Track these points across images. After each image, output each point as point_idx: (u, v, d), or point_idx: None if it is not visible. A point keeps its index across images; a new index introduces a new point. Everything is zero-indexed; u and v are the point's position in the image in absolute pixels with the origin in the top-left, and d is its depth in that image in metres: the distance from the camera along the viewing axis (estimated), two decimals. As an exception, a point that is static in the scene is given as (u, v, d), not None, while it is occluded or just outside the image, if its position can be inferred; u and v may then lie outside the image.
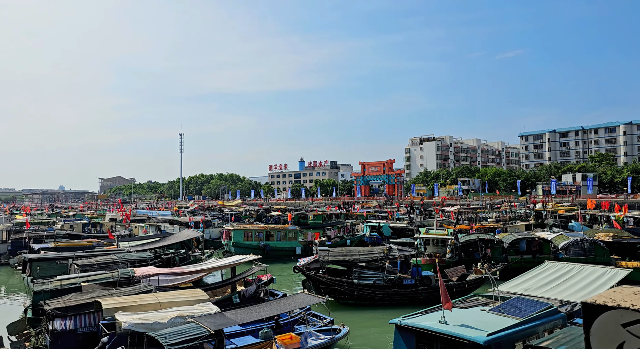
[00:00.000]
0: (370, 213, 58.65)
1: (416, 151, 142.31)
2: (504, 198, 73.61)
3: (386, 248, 21.31)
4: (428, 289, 20.05)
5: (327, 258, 20.97)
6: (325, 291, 20.53)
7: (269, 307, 13.45)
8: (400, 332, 10.16)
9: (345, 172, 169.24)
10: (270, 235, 35.54)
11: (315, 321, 15.28)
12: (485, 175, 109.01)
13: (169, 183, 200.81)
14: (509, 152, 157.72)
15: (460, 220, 32.62)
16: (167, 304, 14.23)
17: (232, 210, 79.53)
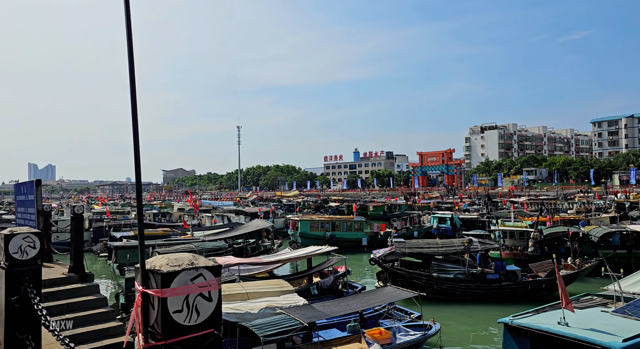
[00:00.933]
0: (433, 204, 57.04)
1: (477, 140, 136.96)
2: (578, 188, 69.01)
3: (466, 240, 20.34)
4: (514, 285, 18.94)
5: (404, 250, 20.36)
6: (402, 285, 19.97)
7: (357, 300, 13.11)
8: (511, 333, 9.43)
9: (400, 163, 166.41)
10: (336, 226, 35.35)
11: (401, 316, 14.79)
12: (554, 164, 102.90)
13: (227, 174, 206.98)
14: (578, 140, 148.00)
15: (544, 211, 30.74)
16: (253, 295, 14.28)
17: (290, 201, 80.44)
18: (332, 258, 18.90)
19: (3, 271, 2.43)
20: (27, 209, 3.79)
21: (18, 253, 2.42)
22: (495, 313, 17.68)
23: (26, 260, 2.46)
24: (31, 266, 2.46)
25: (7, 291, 2.40)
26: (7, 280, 2.42)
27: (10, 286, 2.42)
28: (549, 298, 19.23)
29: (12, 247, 2.41)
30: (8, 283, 2.43)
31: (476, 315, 17.49)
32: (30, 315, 2.43)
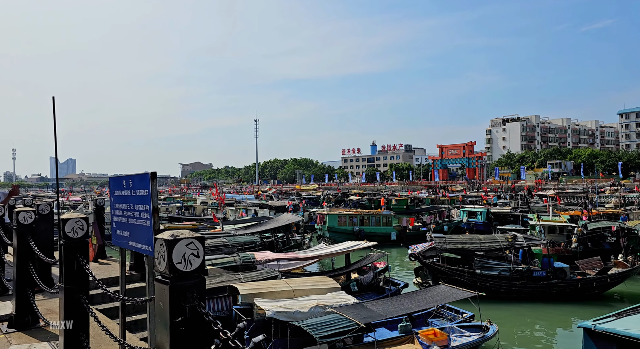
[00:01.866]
0: (456, 197, 56.00)
1: (498, 132, 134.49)
2: (609, 181, 67.09)
3: (510, 236, 19.61)
4: (562, 283, 18.18)
5: (445, 246, 19.72)
6: (444, 281, 19.38)
7: (411, 300, 12.57)
8: (593, 339, 8.74)
9: (419, 156, 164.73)
10: (364, 220, 34.81)
11: (451, 315, 14.21)
12: (579, 157, 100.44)
13: (245, 168, 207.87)
14: (604, 132, 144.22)
15: (587, 205, 29.69)
16: (299, 292, 13.85)
17: (310, 194, 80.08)
18: (372, 253, 18.37)
19: (167, 287, 1.94)
20: (133, 206, 3.31)
21: (182, 263, 1.93)
22: (548, 312, 17.00)
23: (190, 272, 1.95)
24: (195, 280, 1.96)
25: (172, 312, 1.90)
26: (171, 297, 1.93)
27: (175, 304, 1.93)
28: (599, 297, 18.44)
29: (176, 256, 1.91)
30: (173, 301, 1.93)
31: (528, 315, 16.81)
32: (198, 338, 1.93)
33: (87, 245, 3.57)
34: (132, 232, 3.54)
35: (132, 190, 3.45)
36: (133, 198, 3.44)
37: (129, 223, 3.58)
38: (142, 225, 3.32)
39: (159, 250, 2.11)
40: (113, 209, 3.93)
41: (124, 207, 3.64)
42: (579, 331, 12.25)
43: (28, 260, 5.07)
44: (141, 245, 3.36)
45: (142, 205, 3.27)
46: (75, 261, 3.45)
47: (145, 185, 3.24)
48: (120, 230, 3.78)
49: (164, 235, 2.12)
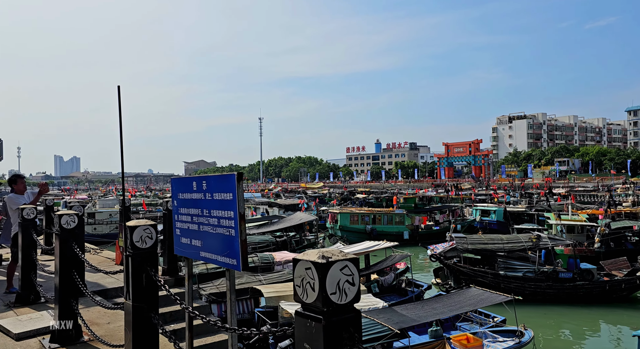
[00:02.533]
0: (467, 196, 55.44)
1: (504, 130, 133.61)
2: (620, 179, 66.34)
3: (534, 236, 19.12)
4: (589, 284, 17.67)
5: (467, 246, 19.24)
6: (466, 283, 18.93)
7: (442, 304, 12.12)
8: (648, 346, 8.32)
9: (424, 154, 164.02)
10: (377, 219, 34.36)
11: (481, 319, 13.74)
12: (587, 155, 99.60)
13: (249, 166, 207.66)
14: (611, 129, 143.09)
15: (612, 204, 29.14)
16: (324, 295, 13.44)
17: (315, 192, 79.69)
18: (393, 254, 17.93)
19: (320, 325, 1.49)
20: (208, 211, 2.86)
21: (336, 293, 1.48)
22: (577, 315, 16.53)
23: (345, 305, 1.50)
24: (351, 314, 1.52)
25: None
26: (326, 338, 1.48)
27: (330, 343, 1.48)
28: (627, 300, 17.95)
29: (330, 284, 1.48)
30: (329, 344, 1.49)
31: (557, 318, 16.34)
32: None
33: (156, 255, 3.13)
34: (205, 241, 3.10)
35: (207, 193, 3.01)
36: (208, 202, 3.00)
37: (201, 231, 3.14)
38: (221, 233, 2.88)
39: (302, 275, 1.67)
40: (177, 214, 3.49)
41: (194, 212, 3.20)
42: (617, 336, 11.74)
43: (72, 267, 4.64)
44: (220, 256, 2.93)
45: (223, 211, 2.83)
46: (144, 274, 3.02)
47: (228, 188, 2.80)
48: (188, 238, 3.35)
49: (309, 255, 1.67)
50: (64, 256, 4.61)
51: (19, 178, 6.92)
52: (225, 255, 2.85)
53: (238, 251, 2.71)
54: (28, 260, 6.08)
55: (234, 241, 2.73)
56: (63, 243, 4.61)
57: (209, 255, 3.07)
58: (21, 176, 6.98)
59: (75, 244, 4.68)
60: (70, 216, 4.68)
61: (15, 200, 6.69)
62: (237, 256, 2.73)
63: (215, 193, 2.93)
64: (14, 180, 6.88)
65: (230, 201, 2.76)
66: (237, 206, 2.68)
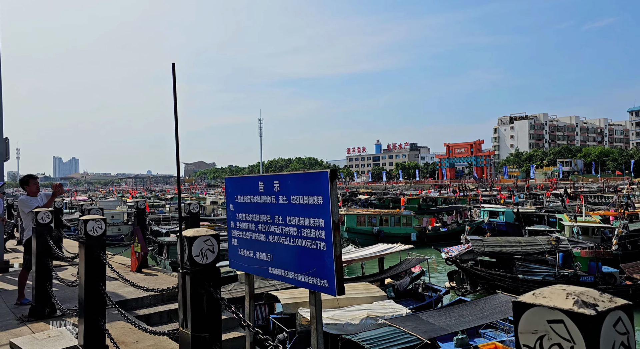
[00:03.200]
0: (473, 197, 54.89)
1: (505, 131, 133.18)
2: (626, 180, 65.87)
3: (553, 238, 18.59)
4: (612, 288, 17.12)
5: (483, 249, 18.71)
6: (483, 287, 18.41)
7: (469, 311, 11.55)
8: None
9: (425, 154, 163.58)
10: (384, 220, 33.82)
11: (506, 325, 13.18)
12: (589, 155, 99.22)
13: (249, 167, 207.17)
14: (612, 130, 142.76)
15: (629, 204, 28.61)
16: (343, 301, 12.85)
17: (318, 194, 79.02)
18: (410, 257, 17.38)
19: None
20: (282, 218, 2.30)
21: None
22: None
23: None
24: None
25: None
26: None
27: None
28: (650, 303, 17.41)
29: None
30: None
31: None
32: None
33: (219, 273, 2.57)
34: (277, 255, 2.55)
35: (282, 196, 2.46)
36: (283, 207, 2.45)
37: (270, 242, 2.58)
38: (304, 247, 2.33)
39: (542, 331, 1.07)
40: (234, 221, 2.93)
41: (260, 219, 2.65)
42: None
43: (99, 279, 4.08)
44: (301, 275, 2.37)
45: (307, 218, 2.28)
46: (205, 296, 2.46)
47: (315, 189, 2.24)
48: (249, 250, 2.79)
49: (553, 297, 1.08)
50: (90, 267, 4.05)
51: (31, 178, 6.36)
52: (311, 274, 2.29)
53: (332, 270, 2.16)
54: (43, 269, 5.52)
55: (325, 257, 2.18)
56: (89, 251, 4.05)
57: (283, 272, 2.51)
58: (34, 177, 6.41)
59: (102, 253, 4.12)
60: (97, 222, 4.12)
61: (27, 202, 6.12)
62: (330, 276, 2.17)
63: (294, 196, 2.38)
64: (25, 181, 6.31)
65: (319, 206, 2.21)
66: (331, 213, 2.12)
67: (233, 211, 2.95)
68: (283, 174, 2.48)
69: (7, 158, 9.07)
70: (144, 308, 6.54)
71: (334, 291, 2.17)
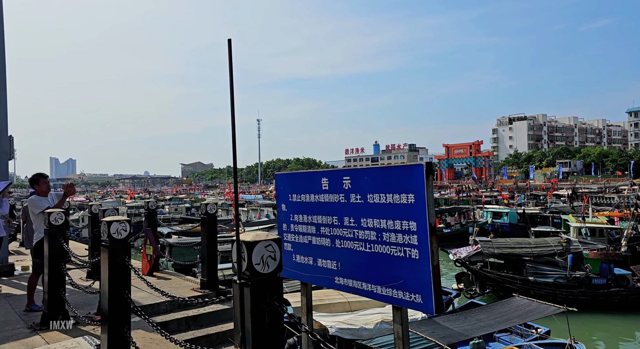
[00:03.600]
0: (473, 197, 54.65)
1: (504, 131, 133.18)
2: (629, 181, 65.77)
3: (564, 240, 18.31)
4: (625, 291, 16.86)
5: (492, 250, 18.40)
6: (493, 289, 18.10)
7: (487, 315, 11.23)
8: None
9: (423, 155, 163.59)
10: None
11: (522, 330, 12.87)
12: (588, 156, 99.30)
13: (247, 167, 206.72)
14: (610, 130, 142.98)
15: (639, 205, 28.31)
16: (355, 304, 12.50)
17: (317, 194, 78.62)
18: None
19: None
20: (355, 221, 1.97)
21: None
22: (618, 324, 15.72)
23: None
24: None
25: None
26: None
27: None
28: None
29: None
30: None
31: (598, 328, 15.49)
32: None
33: (280, 283, 2.24)
34: (347, 263, 2.21)
35: (355, 194, 2.13)
36: (357, 207, 2.12)
37: (338, 249, 2.25)
38: (387, 254, 2.00)
39: None
40: (288, 223, 2.60)
41: (323, 221, 2.32)
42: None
43: (124, 286, 3.74)
44: (383, 287, 2.04)
45: (393, 221, 1.96)
46: (267, 311, 2.13)
47: (406, 186, 1.92)
48: (308, 257, 2.46)
49: None
50: (115, 272, 3.71)
51: (42, 177, 6.00)
52: (397, 287, 1.96)
53: (427, 283, 1.83)
54: (56, 273, 5.17)
55: (418, 267, 1.85)
56: (113, 256, 3.71)
57: (355, 283, 2.18)
58: (44, 176, 6.06)
59: (127, 257, 3.78)
60: (121, 224, 3.78)
61: (37, 202, 5.76)
62: (424, 290, 1.84)
63: (372, 195, 2.05)
64: (35, 180, 5.96)
65: (409, 206, 1.88)
66: (427, 214, 1.80)
67: (286, 212, 2.61)
68: (357, 169, 2.15)
69: (12, 156, 8.71)
70: (159, 314, 6.20)
71: (431, 307, 1.85)
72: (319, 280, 2.43)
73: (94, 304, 6.16)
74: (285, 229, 2.66)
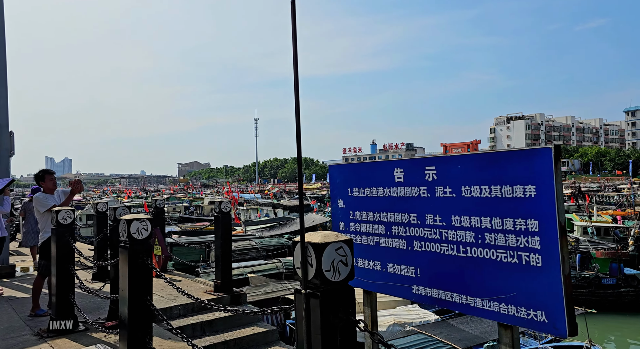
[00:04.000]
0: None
1: (502, 130, 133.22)
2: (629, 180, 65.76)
3: (572, 239, 18.04)
4: (635, 291, 16.61)
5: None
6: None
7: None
8: None
9: (420, 155, 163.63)
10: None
11: (536, 332, 12.58)
12: (586, 155, 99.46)
13: (244, 167, 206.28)
14: (607, 130, 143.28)
15: None
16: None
17: (314, 193, 78.40)
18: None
19: None
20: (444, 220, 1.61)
21: None
22: (630, 325, 15.48)
23: None
24: None
25: None
26: None
27: None
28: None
29: None
30: None
31: (610, 329, 15.23)
32: None
33: (353, 293, 1.90)
34: (432, 270, 1.86)
35: (440, 187, 1.79)
36: (445, 202, 1.78)
37: (417, 252, 1.91)
38: (494, 260, 1.65)
39: None
40: (345, 221, 2.26)
41: (398, 219, 1.97)
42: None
43: (146, 291, 3.40)
44: (485, 300, 1.67)
45: (499, 219, 1.62)
46: (339, 327, 1.78)
47: (523, 175, 1.59)
48: (374, 261, 2.12)
49: None
50: (135, 276, 3.37)
51: (47, 173, 5.63)
52: (508, 301, 1.60)
53: (557, 297, 1.47)
54: (65, 276, 4.81)
55: (542, 277, 1.50)
56: (133, 257, 3.36)
57: (444, 294, 1.82)
58: (50, 172, 5.68)
59: (149, 259, 3.43)
60: (142, 223, 3.43)
61: (43, 201, 5.39)
62: (553, 307, 1.48)
63: (469, 187, 1.70)
64: (41, 176, 5.58)
65: (527, 201, 1.54)
66: (557, 212, 1.45)
67: (344, 208, 2.26)
68: (447, 156, 1.81)
69: (13, 153, 8.33)
70: (172, 319, 5.84)
71: (563, 328, 1.49)
72: (389, 289, 2.10)
73: (103, 308, 5.81)
74: (343, 228, 2.31)
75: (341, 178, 2.29)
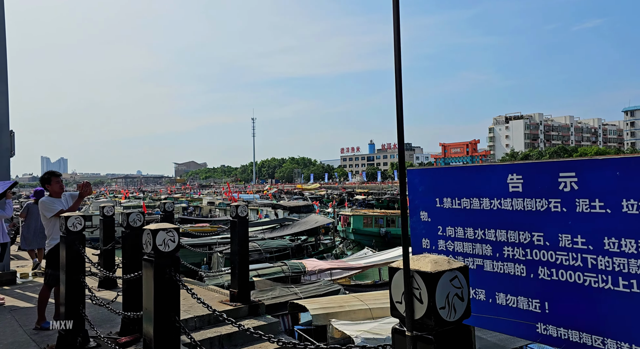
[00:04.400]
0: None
1: (501, 130, 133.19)
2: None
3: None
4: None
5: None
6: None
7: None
8: None
9: (418, 155, 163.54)
10: (391, 221, 32.89)
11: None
12: (585, 155, 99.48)
13: (241, 167, 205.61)
14: (606, 130, 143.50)
15: None
16: (377, 311, 11.75)
17: (312, 194, 78.09)
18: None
19: None
20: (596, 242, 1.19)
21: None
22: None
23: None
24: None
25: None
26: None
27: None
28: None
29: None
30: None
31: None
32: None
33: (471, 337, 1.50)
34: (566, 305, 1.45)
35: (583, 200, 1.39)
36: (586, 219, 1.37)
37: (543, 281, 1.50)
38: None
39: None
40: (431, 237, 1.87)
41: (514, 238, 1.57)
42: None
43: (173, 308, 3.00)
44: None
45: None
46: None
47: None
48: (477, 289, 1.72)
49: None
50: (162, 292, 2.97)
51: (54, 176, 5.22)
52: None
53: None
54: (75, 288, 4.40)
55: None
56: (160, 272, 2.97)
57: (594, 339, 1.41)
58: (57, 174, 5.27)
59: (177, 275, 3.03)
60: (169, 233, 3.03)
61: (50, 205, 4.98)
62: None
63: (638, 202, 1.31)
64: (47, 179, 5.17)
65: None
66: None
67: (429, 222, 1.87)
68: (592, 159, 1.42)
69: (13, 153, 7.90)
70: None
71: None
72: (497, 324, 1.71)
73: (114, 320, 5.40)
74: (428, 246, 1.91)
75: (425, 186, 1.90)
